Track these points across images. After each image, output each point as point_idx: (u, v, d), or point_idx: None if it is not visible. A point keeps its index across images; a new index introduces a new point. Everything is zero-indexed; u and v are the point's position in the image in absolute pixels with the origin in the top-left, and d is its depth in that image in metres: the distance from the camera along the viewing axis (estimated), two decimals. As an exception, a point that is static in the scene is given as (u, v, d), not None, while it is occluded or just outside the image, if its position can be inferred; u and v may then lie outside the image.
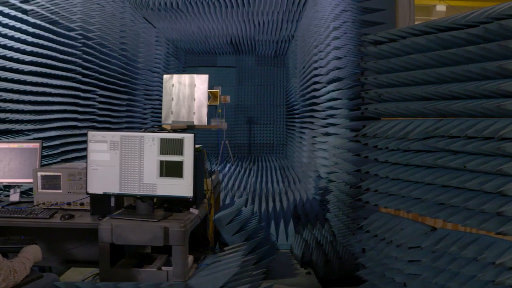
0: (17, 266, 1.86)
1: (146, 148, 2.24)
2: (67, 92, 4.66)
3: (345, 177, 3.71)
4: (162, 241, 2.12)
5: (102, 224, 2.21)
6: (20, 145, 2.97)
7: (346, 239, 3.50)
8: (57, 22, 4.43)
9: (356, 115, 3.49)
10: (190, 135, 2.22)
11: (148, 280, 2.17)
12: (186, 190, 2.21)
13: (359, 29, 3.20)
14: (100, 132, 2.32)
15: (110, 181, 2.29)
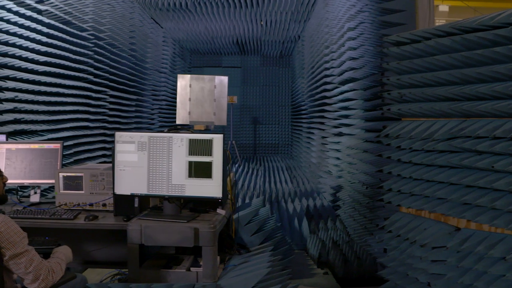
0: (54, 266, 1.86)
1: (175, 149, 2.24)
2: (79, 93, 4.66)
3: (362, 177, 3.72)
4: (192, 242, 2.12)
5: (131, 225, 2.21)
6: (41, 146, 2.97)
7: (363, 239, 3.51)
8: (70, 23, 4.42)
9: (374, 116, 3.50)
10: (219, 136, 2.22)
11: (177, 281, 2.17)
12: (215, 191, 2.21)
13: (378, 30, 3.21)
14: (127, 133, 2.32)
15: (138, 182, 2.29)
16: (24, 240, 1.76)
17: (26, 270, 1.73)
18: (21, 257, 1.72)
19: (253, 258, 2.39)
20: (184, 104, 3.10)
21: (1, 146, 2.94)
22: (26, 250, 1.76)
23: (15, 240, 1.72)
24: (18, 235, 1.74)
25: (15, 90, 3.70)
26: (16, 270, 1.73)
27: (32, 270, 1.74)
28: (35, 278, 1.76)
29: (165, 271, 2.21)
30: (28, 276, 1.75)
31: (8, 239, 1.69)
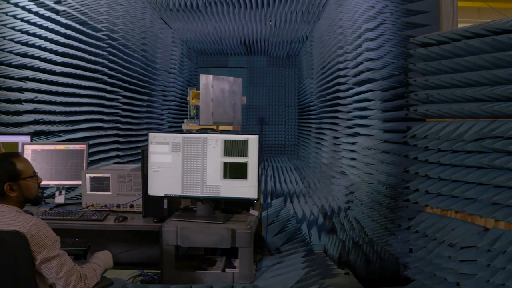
0: (88, 272, 1.83)
1: (209, 150, 2.24)
2: (94, 93, 4.65)
3: (381, 178, 3.73)
4: (229, 243, 2.12)
5: (166, 226, 2.21)
6: (66, 147, 2.96)
7: (384, 240, 3.52)
8: (86, 23, 4.42)
9: (395, 116, 3.51)
10: (255, 137, 2.22)
11: (212, 282, 2.17)
12: (251, 192, 2.21)
13: (402, 31, 3.22)
14: (161, 134, 2.31)
15: (172, 183, 2.29)
16: (56, 243, 1.73)
17: (57, 275, 1.70)
18: (52, 261, 1.69)
19: (286, 259, 2.40)
20: (207, 105, 3.10)
21: (27, 147, 2.93)
22: (58, 255, 1.72)
23: (46, 244, 1.68)
24: (50, 238, 1.70)
25: (34, 91, 3.70)
26: (48, 275, 1.70)
27: (63, 275, 1.71)
28: (66, 283, 1.72)
29: (200, 272, 2.21)
30: (59, 281, 1.72)
31: (39, 243, 1.66)
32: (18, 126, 3.53)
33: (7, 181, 1.71)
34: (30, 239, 1.62)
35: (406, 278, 3.27)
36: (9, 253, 1.58)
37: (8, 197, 1.72)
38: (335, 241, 3.80)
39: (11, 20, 3.39)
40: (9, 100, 3.47)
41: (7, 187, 1.71)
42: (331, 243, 3.82)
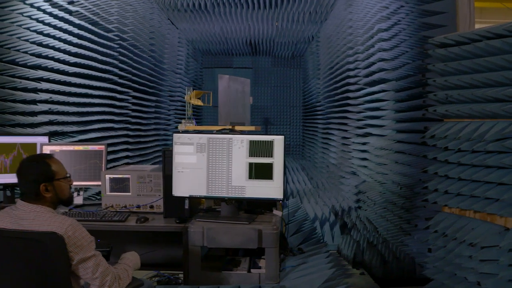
0: (121, 273, 1.84)
1: (235, 150, 2.24)
2: (105, 94, 4.64)
3: (395, 178, 3.73)
4: (256, 244, 2.12)
5: (192, 227, 2.21)
6: (85, 148, 2.96)
7: (400, 240, 3.53)
8: (97, 23, 4.41)
9: (410, 117, 3.52)
10: (280, 137, 2.22)
11: (238, 283, 2.17)
12: (276, 192, 2.22)
13: (418, 31, 3.23)
14: (186, 134, 2.31)
15: (197, 184, 2.28)
16: (91, 244, 1.74)
17: (93, 275, 1.71)
18: (88, 261, 1.70)
19: (310, 259, 2.40)
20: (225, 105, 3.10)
21: (45, 147, 2.93)
22: (94, 255, 1.73)
23: (83, 244, 1.69)
24: (86, 239, 1.71)
25: (48, 92, 3.69)
26: (84, 275, 1.71)
27: (99, 275, 1.72)
28: (102, 283, 1.73)
29: (226, 273, 2.21)
30: (94, 281, 1.73)
31: (76, 243, 1.67)
32: (33, 127, 3.52)
33: (42, 182, 1.71)
34: (67, 240, 1.62)
35: (422, 278, 3.28)
36: (46, 254, 1.58)
37: (43, 198, 1.73)
38: (349, 241, 3.81)
39: (27, 20, 3.38)
40: (25, 101, 3.46)
41: (42, 188, 1.71)
42: (345, 243, 3.82)
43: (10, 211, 1.71)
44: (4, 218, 1.67)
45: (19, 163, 1.77)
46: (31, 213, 1.68)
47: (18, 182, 1.74)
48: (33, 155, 1.81)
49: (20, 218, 1.66)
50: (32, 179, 1.71)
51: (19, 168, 1.74)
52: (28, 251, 1.58)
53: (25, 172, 1.73)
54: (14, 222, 1.65)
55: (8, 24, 3.23)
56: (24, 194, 1.72)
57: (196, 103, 4.31)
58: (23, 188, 1.73)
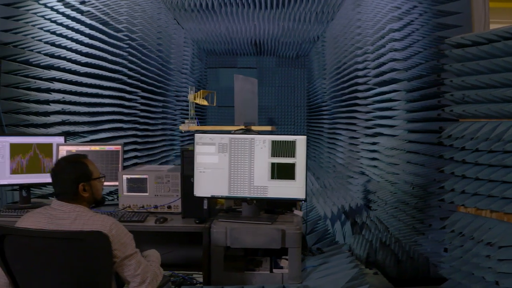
0: (156, 270, 1.86)
1: (257, 150, 2.24)
2: (114, 94, 4.63)
3: (407, 178, 3.74)
4: (279, 244, 2.12)
5: (215, 227, 2.21)
6: (102, 148, 2.95)
7: (413, 239, 3.53)
8: (107, 23, 4.41)
9: (423, 117, 3.53)
10: (303, 137, 2.23)
11: (261, 283, 2.17)
12: (299, 192, 2.22)
13: (433, 32, 3.23)
14: (207, 135, 2.31)
15: (219, 184, 2.28)
16: (132, 241, 1.76)
17: (134, 272, 1.73)
18: (131, 258, 1.72)
19: (331, 259, 2.40)
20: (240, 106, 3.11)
21: (61, 148, 2.92)
22: (136, 252, 1.76)
23: (126, 242, 1.71)
24: (128, 236, 1.74)
25: (61, 92, 3.69)
26: (126, 272, 1.72)
27: (140, 272, 1.74)
28: (142, 280, 1.75)
29: (249, 273, 2.21)
30: (135, 278, 1.74)
31: (120, 241, 1.69)
32: (46, 127, 3.52)
33: (81, 181, 1.72)
34: (112, 238, 1.63)
35: (437, 278, 3.29)
36: (91, 253, 1.59)
37: (80, 198, 1.74)
38: (361, 241, 3.81)
39: (41, 20, 3.38)
40: (38, 101, 3.46)
41: (81, 188, 1.73)
42: (357, 243, 3.83)
43: (45, 212, 1.70)
44: (40, 219, 1.67)
45: (55, 163, 1.78)
46: (71, 212, 1.68)
47: (54, 182, 1.74)
48: (69, 155, 1.83)
49: (59, 218, 1.66)
50: (71, 178, 1.72)
51: (56, 169, 1.75)
52: (71, 251, 1.58)
53: (63, 172, 1.73)
54: (51, 222, 1.65)
55: (23, 24, 3.23)
56: (61, 194, 1.72)
57: (202, 103, 4.31)
58: (61, 188, 1.73)
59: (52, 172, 1.75)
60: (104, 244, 1.59)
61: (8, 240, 1.56)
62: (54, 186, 1.74)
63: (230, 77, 9.94)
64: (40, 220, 1.66)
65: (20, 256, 1.57)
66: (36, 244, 1.55)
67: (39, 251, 1.55)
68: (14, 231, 1.60)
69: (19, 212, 2.70)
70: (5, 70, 3.18)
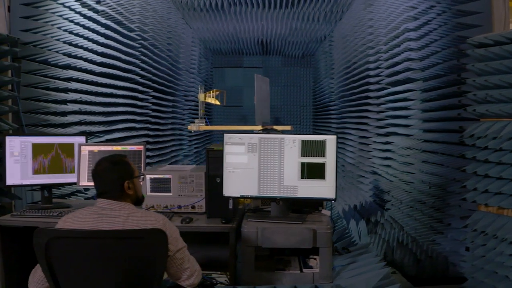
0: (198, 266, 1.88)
1: (287, 150, 2.24)
2: (127, 93, 4.62)
3: (424, 177, 3.75)
4: (311, 243, 2.13)
5: (246, 227, 2.21)
6: (124, 148, 2.95)
7: (431, 238, 3.54)
8: (121, 23, 4.40)
9: (441, 116, 3.54)
10: (333, 137, 2.23)
11: (292, 282, 2.17)
12: (329, 192, 2.22)
13: (452, 32, 3.24)
14: (237, 134, 2.31)
15: (248, 184, 2.29)
16: (180, 236, 1.80)
17: (184, 266, 1.78)
18: (181, 252, 1.76)
19: (359, 258, 2.41)
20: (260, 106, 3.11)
21: (83, 148, 2.92)
22: (185, 246, 1.81)
23: (177, 236, 1.77)
24: (177, 231, 1.79)
25: (77, 91, 3.68)
26: (176, 267, 1.77)
27: (189, 266, 1.79)
28: (191, 274, 1.79)
29: (280, 273, 2.21)
30: (185, 272, 1.78)
31: (172, 235, 1.73)
32: (64, 127, 3.51)
33: (126, 179, 1.74)
34: (168, 234, 1.65)
35: (456, 277, 3.30)
36: (149, 250, 1.60)
37: (126, 196, 1.76)
38: (378, 241, 3.82)
39: (59, 20, 3.37)
40: (56, 101, 3.45)
41: (126, 185, 1.75)
42: (374, 242, 3.83)
43: (92, 211, 1.70)
44: (86, 219, 1.66)
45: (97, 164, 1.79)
46: (122, 210, 1.69)
47: (99, 182, 1.75)
48: (110, 155, 1.85)
49: (110, 217, 1.66)
50: (116, 177, 1.74)
51: (100, 168, 1.76)
52: (127, 249, 1.58)
53: (108, 171, 1.75)
54: (101, 221, 1.65)
55: (42, 23, 3.22)
56: (106, 193, 1.74)
57: (215, 102, 4.31)
58: (107, 187, 1.74)
59: (96, 172, 1.76)
60: (162, 240, 1.62)
61: (55, 243, 1.54)
62: (98, 186, 1.76)
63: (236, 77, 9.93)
64: (87, 220, 1.66)
65: (68, 258, 1.56)
66: (86, 244, 1.55)
67: (90, 252, 1.55)
68: (65, 233, 1.59)
69: (43, 213, 2.69)
70: (24, 70, 3.17)
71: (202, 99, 3.83)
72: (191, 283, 1.78)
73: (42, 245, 1.51)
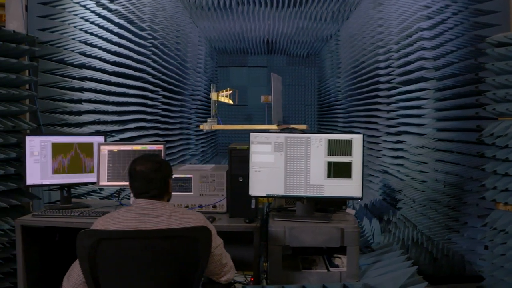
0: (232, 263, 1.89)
1: (313, 149, 2.24)
2: (139, 93, 4.61)
3: (438, 176, 3.76)
4: (339, 242, 2.13)
5: (273, 226, 2.21)
6: (143, 147, 2.93)
7: (446, 237, 3.55)
8: (133, 22, 4.38)
9: (456, 115, 3.55)
10: (359, 136, 2.23)
11: (319, 281, 2.17)
12: (355, 191, 2.23)
13: (469, 31, 3.25)
14: (263, 134, 2.31)
15: (275, 183, 2.28)
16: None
17: (223, 261, 1.79)
18: (219, 248, 1.77)
19: (384, 257, 2.41)
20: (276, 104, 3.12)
21: (103, 147, 2.90)
22: (221, 242, 1.82)
23: (215, 233, 1.77)
24: (213, 228, 1.79)
25: (92, 91, 3.67)
26: (216, 262, 1.77)
27: (227, 261, 1.80)
28: (228, 269, 1.82)
29: (307, 272, 2.22)
30: (224, 268, 1.80)
31: (211, 231, 1.72)
32: (79, 127, 3.50)
33: (169, 178, 1.76)
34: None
35: (472, 275, 3.32)
36: (194, 248, 1.61)
37: (166, 194, 1.77)
38: (393, 239, 3.83)
39: (76, 19, 3.36)
40: (72, 100, 3.44)
41: (169, 183, 1.75)
42: (388, 241, 3.84)
43: (132, 211, 1.69)
44: (128, 220, 1.65)
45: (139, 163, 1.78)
46: (163, 210, 1.69)
47: (142, 181, 1.73)
48: (148, 155, 1.85)
49: (153, 216, 1.66)
50: (162, 176, 1.75)
51: (144, 168, 1.74)
52: (174, 248, 1.59)
53: (155, 170, 1.74)
54: (143, 221, 1.65)
55: (59, 23, 3.20)
56: (147, 192, 1.72)
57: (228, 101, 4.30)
58: (151, 186, 1.72)
59: (140, 172, 1.73)
60: (208, 237, 1.63)
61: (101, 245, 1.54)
62: (140, 186, 1.73)
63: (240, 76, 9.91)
64: (129, 221, 1.65)
65: (113, 260, 1.55)
66: (132, 245, 1.55)
67: (135, 252, 1.55)
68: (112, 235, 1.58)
69: (64, 213, 2.68)
70: (42, 69, 3.16)
71: (214, 98, 3.82)
72: (228, 278, 1.79)
73: (87, 247, 1.50)
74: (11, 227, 2.73)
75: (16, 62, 2.76)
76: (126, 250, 1.54)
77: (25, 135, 2.77)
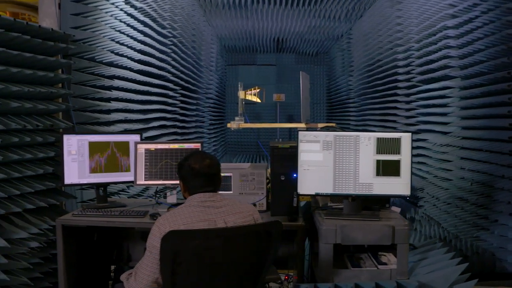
0: None
1: (362, 148, 2.25)
2: (160, 91, 4.60)
3: (465, 174, 3.78)
4: (390, 240, 2.14)
5: (324, 225, 2.21)
6: (181, 146, 2.93)
7: (474, 235, 3.57)
8: (155, 20, 4.36)
9: (485, 114, 3.56)
10: (408, 135, 2.24)
11: (370, 279, 2.18)
12: (404, 189, 2.24)
13: (500, 30, 3.26)
14: (311, 132, 2.31)
15: (323, 182, 2.29)
16: None
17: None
18: None
19: (429, 254, 2.43)
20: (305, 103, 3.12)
21: (140, 146, 2.89)
22: None
23: None
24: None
25: (119, 89, 3.65)
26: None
27: None
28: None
29: (356, 270, 2.22)
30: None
31: None
32: (108, 125, 3.48)
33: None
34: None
35: (503, 273, 3.34)
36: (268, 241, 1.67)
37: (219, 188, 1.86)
38: (419, 237, 3.84)
39: (107, 17, 3.34)
40: (101, 99, 3.42)
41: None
42: (413, 239, 3.86)
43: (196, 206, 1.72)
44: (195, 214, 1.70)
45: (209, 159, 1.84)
46: (223, 201, 1.77)
47: (208, 177, 1.80)
48: (198, 152, 1.94)
49: (216, 207, 1.74)
50: (219, 170, 1.86)
51: (211, 164, 1.81)
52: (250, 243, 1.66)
53: (218, 166, 1.85)
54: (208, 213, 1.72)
55: (91, 20, 3.18)
56: (208, 186, 1.80)
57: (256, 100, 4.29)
58: (215, 181, 1.83)
59: (213, 168, 1.82)
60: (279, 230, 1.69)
61: (185, 245, 1.56)
62: (201, 182, 1.79)
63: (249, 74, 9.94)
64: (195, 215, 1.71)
65: (194, 259, 1.57)
66: (212, 243, 1.57)
67: (215, 250, 1.58)
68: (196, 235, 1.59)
69: (104, 212, 2.67)
70: (75, 67, 3.14)
71: (242, 96, 3.82)
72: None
73: (173, 249, 1.51)
74: (50, 227, 2.71)
75: (54, 60, 2.74)
76: (208, 249, 1.56)
77: (62, 134, 2.75)
